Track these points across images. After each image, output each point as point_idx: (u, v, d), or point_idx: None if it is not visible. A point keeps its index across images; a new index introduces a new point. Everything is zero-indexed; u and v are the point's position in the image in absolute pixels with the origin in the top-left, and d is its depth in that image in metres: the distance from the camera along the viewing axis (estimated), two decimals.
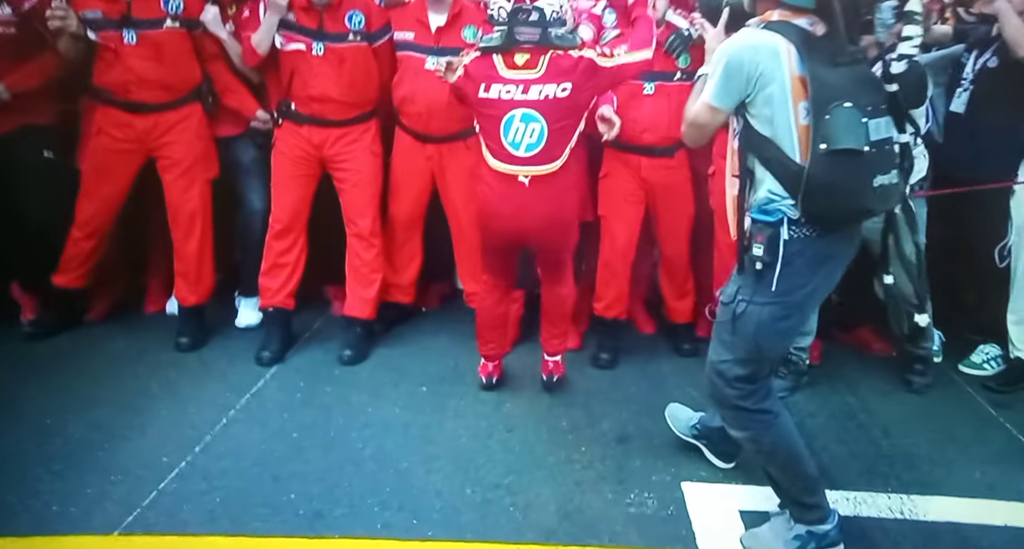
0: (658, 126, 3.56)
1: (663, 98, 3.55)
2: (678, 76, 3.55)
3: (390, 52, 3.72)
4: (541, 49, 2.91)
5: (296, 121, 3.64)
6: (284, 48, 3.57)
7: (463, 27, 3.62)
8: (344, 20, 3.56)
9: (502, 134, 2.93)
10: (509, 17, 2.90)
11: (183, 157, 3.63)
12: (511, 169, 2.97)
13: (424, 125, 3.66)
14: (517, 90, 2.89)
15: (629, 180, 3.67)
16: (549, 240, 3.15)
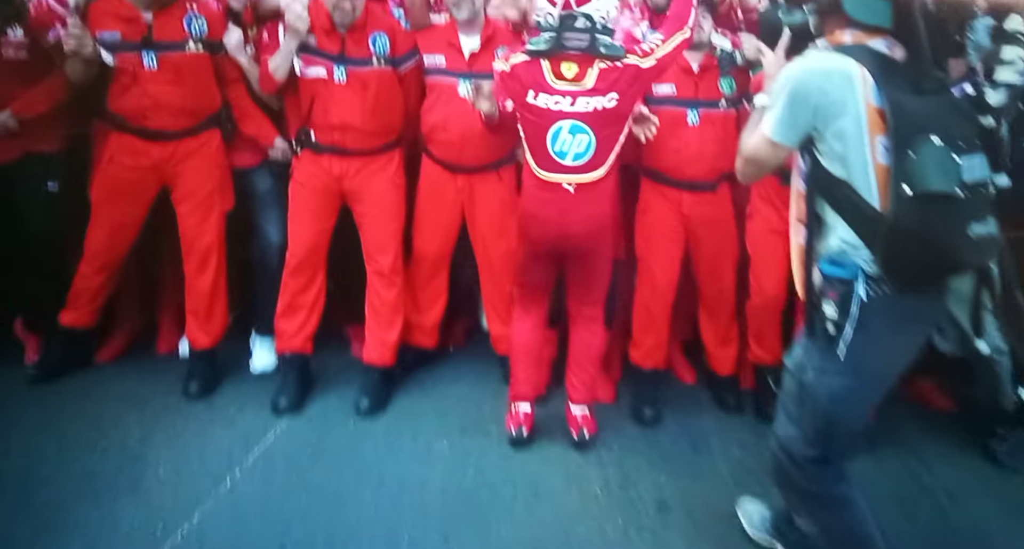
0: (702, 159, 3.26)
1: (708, 128, 3.25)
2: (723, 104, 3.27)
3: (417, 78, 3.46)
4: (588, 60, 2.77)
5: (316, 150, 3.37)
6: (304, 73, 3.30)
7: (497, 48, 3.36)
8: (368, 44, 3.30)
9: (549, 144, 2.81)
10: (559, 23, 2.76)
11: (200, 187, 3.37)
12: (556, 177, 2.84)
13: (456, 154, 3.39)
14: (565, 101, 2.77)
15: (669, 216, 3.35)
16: (590, 244, 2.94)
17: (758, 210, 3.28)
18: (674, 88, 3.26)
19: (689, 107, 3.24)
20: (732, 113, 3.29)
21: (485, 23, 3.39)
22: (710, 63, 3.29)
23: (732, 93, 3.29)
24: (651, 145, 3.25)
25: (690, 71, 3.27)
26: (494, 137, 3.28)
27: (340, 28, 3.25)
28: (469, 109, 3.17)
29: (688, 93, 3.26)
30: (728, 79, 3.29)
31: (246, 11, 3.44)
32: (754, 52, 3.22)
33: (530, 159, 2.89)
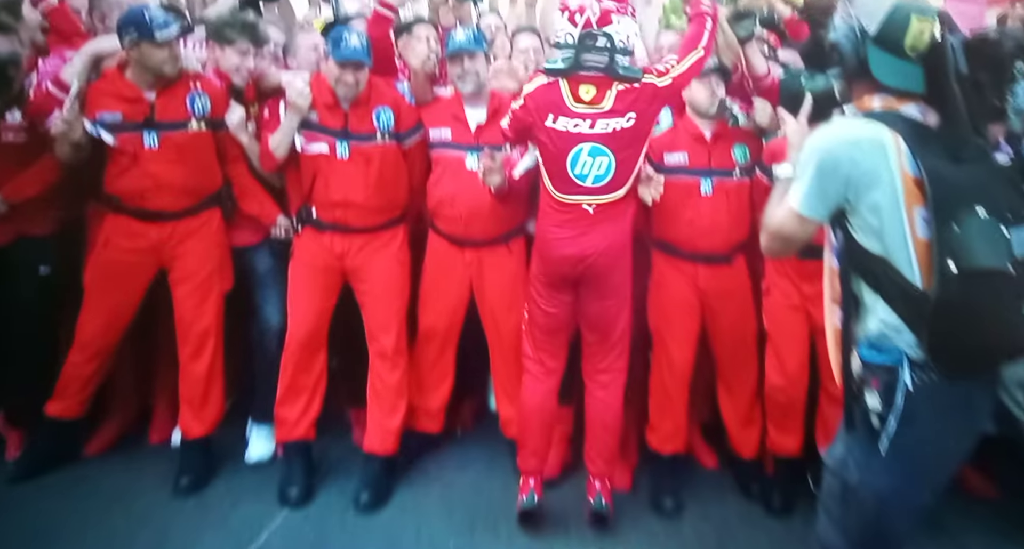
0: (717, 230, 3.12)
1: (721, 198, 3.12)
2: (737, 173, 3.14)
3: (421, 152, 3.36)
4: (606, 82, 2.72)
5: (317, 228, 3.24)
6: (305, 149, 3.20)
7: (503, 119, 3.22)
8: (372, 118, 3.21)
9: (569, 167, 2.74)
10: (577, 41, 2.71)
11: (199, 268, 3.22)
12: (576, 199, 2.78)
13: (464, 228, 3.25)
14: (585, 124, 2.72)
15: (684, 290, 3.18)
16: (608, 264, 2.82)
17: (775, 284, 3.09)
18: (686, 157, 3.14)
19: (702, 176, 3.11)
20: (746, 182, 3.16)
21: (491, 96, 3.31)
22: (723, 131, 3.17)
23: (746, 162, 3.16)
24: (663, 216, 3.13)
25: (702, 139, 3.16)
26: (503, 209, 3.16)
27: (343, 103, 3.16)
28: (477, 182, 3.07)
29: (701, 162, 3.13)
30: (742, 147, 3.17)
31: (248, 87, 3.36)
32: (766, 117, 3.12)
33: (547, 182, 2.81)
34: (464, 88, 3.25)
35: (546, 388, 2.98)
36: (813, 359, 3.02)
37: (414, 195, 3.37)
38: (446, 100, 3.38)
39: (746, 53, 3.09)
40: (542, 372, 2.99)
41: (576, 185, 2.75)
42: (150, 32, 2.95)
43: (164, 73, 3.07)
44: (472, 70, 3.21)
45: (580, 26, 2.71)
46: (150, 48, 2.98)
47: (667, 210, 3.13)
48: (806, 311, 3.01)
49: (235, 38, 3.22)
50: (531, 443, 2.99)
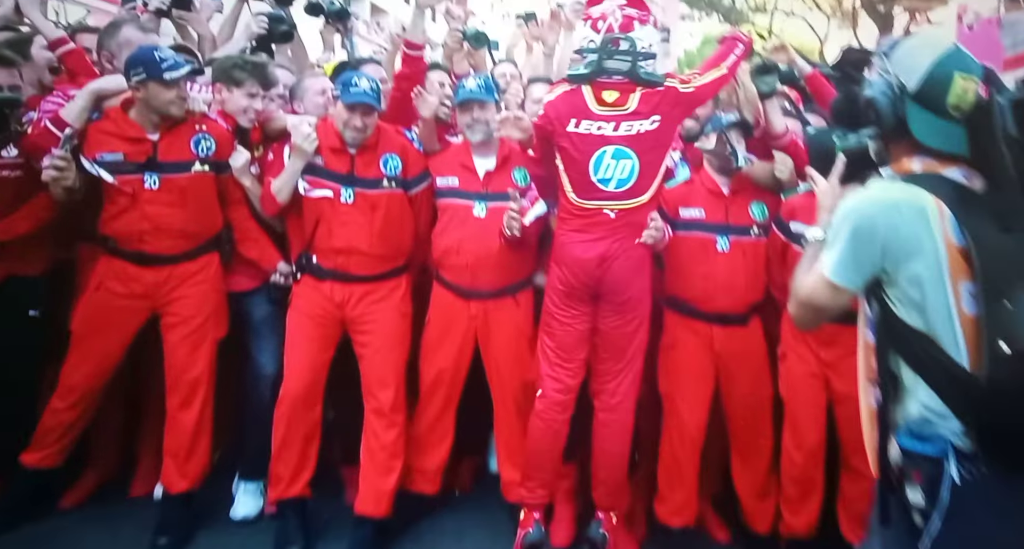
0: (733, 289, 2.99)
1: (738, 256, 2.99)
2: (755, 231, 3.01)
3: (427, 201, 3.25)
4: (629, 87, 2.72)
5: (317, 276, 3.10)
6: (309, 194, 3.08)
7: (513, 169, 3.17)
8: (379, 164, 3.10)
9: (591, 172, 2.72)
10: (600, 47, 2.72)
11: (194, 314, 3.06)
12: (597, 204, 2.74)
13: (470, 279, 3.11)
14: (608, 126, 2.71)
15: (698, 352, 3.02)
16: (628, 273, 2.77)
17: (791, 349, 2.92)
18: (703, 212, 3.01)
19: (719, 233, 2.99)
20: (763, 241, 3.02)
21: (501, 144, 3.19)
22: (741, 187, 3.05)
23: (764, 219, 3.03)
24: (677, 272, 3.01)
25: (720, 194, 3.03)
26: (511, 259, 3.05)
27: (351, 147, 3.05)
28: (484, 231, 2.97)
29: (718, 217, 3.01)
30: (760, 205, 3.05)
31: (253, 130, 3.25)
32: (786, 172, 3.00)
33: (568, 189, 2.77)
34: (473, 137, 3.14)
35: (560, 416, 2.84)
36: (832, 429, 2.85)
37: (419, 244, 3.24)
38: (455, 148, 3.28)
39: (765, 109, 2.99)
40: (558, 389, 2.84)
41: (598, 190, 2.71)
42: (159, 71, 2.85)
43: (170, 113, 2.96)
44: (482, 119, 3.11)
45: (602, 32, 2.73)
46: (158, 87, 2.88)
47: (682, 266, 3.00)
48: (825, 378, 2.85)
49: (243, 79, 3.12)
50: (539, 473, 2.84)
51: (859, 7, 18.94)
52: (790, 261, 2.90)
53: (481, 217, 3.08)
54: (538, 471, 2.87)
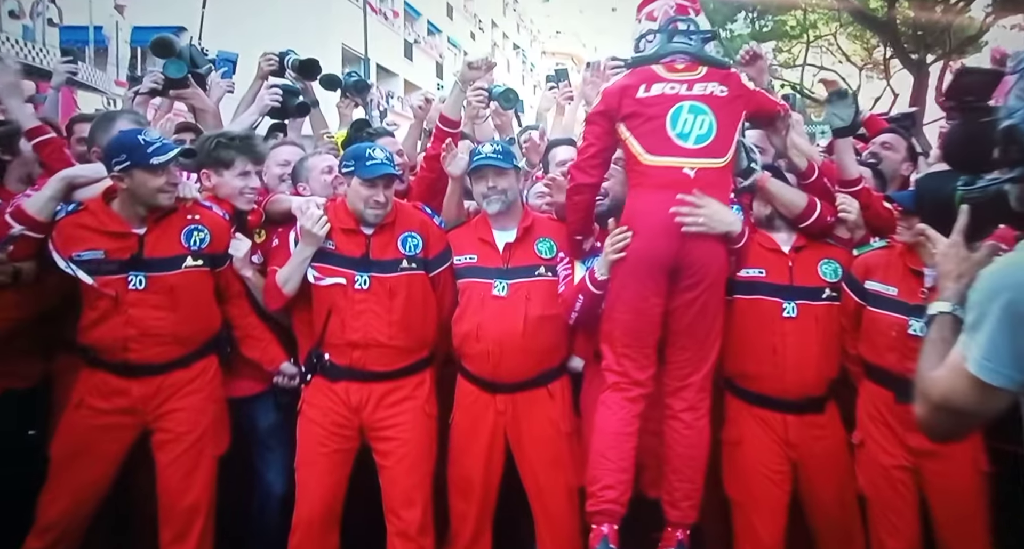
0: (806, 363, 2.57)
1: (810, 323, 2.60)
2: (828, 294, 2.63)
3: (451, 282, 2.85)
4: (695, 65, 2.48)
5: (329, 376, 2.68)
6: (319, 283, 2.68)
7: (536, 241, 2.79)
8: (397, 244, 2.72)
9: (669, 125, 2.42)
10: (665, 26, 2.53)
11: (189, 429, 2.60)
12: (675, 161, 2.42)
13: (492, 368, 2.68)
14: (681, 87, 2.44)
15: (771, 449, 2.59)
16: (709, 242, 2.42)
17: (870, 436, 2.52)
18: (764, 272, 2.62)
19: (784, 297, 2.59)
20: (836, 306, 2.62)
21: (523, 214, 2.83)
22: (805, 243, 2.68)
23: (836, 280, 2.64)
24: (739, 344, 2.61)
25: (779, 251, 2.66)
26: (540, 342, 2.67)
27: (366, 228, 2.69)
28: (505, 312, 2.65)
29: (781, 278, 2.62)
30: (831, 263, 2.66)
31: (254, 212, 2.85)
32: (854, 213, 2.66)
33: (638, 150, 2.45)
34: (490, 208, 2.77)
35: (630, 408, 2.45)
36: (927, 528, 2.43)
37: (443, 332, 2.82)
38: (471, 223, 2.91)
39: (838, 149, 2.66)
40: (628, 383, 2.46)
41: (675, 146, 2.42)
42: (145, 156, 2.46)
43: (158, 203, 2.57)
44: (499, 188, 2.74)
45: (660, 20, 2.54)
46: (144, 175, 2.49)
47: (744, 337, 2.60)
48: (915, 470, 2.43)
49: (232, 158, 2.76)
50: (607, 476, 2.40)
51: (890, 57, 18.58)
52: (866, 327, 2.55)
53: (502, 296, 2.69)
54: (606, 473, 2.42)
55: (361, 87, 3.92)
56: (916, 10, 16.74)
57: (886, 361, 2.48)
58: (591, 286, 2.56)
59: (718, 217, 2.40)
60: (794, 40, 20.42)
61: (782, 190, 2.68)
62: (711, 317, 2.49)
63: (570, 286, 2.66)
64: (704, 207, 2.36)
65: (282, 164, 3.12)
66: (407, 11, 24.64)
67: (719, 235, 2.42)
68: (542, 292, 2.71)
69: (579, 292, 2.60)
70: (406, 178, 3.23)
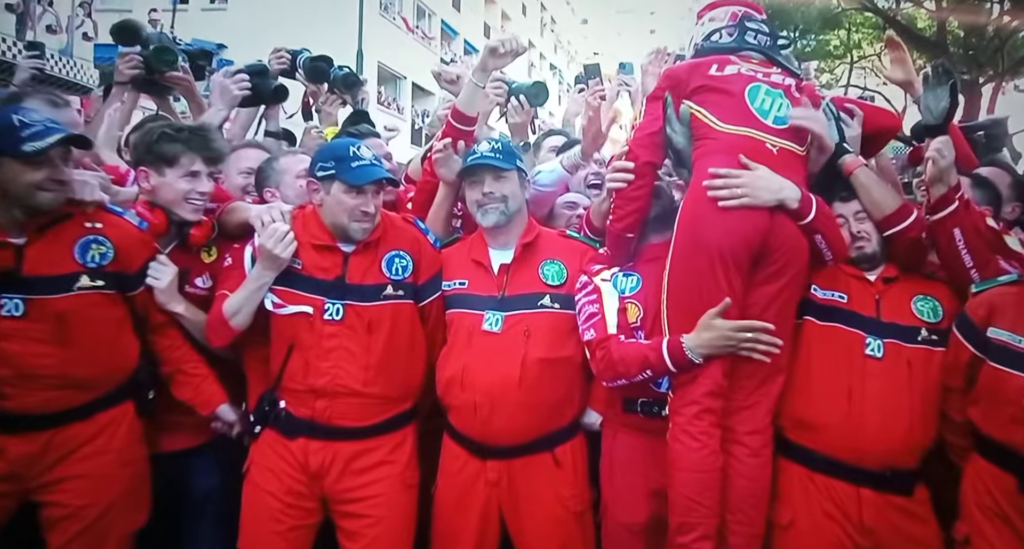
0: (893, 420, 1.94)
1: (900, 369, 1.98)
2: (926, 336, 2.00)
3: (441, 314, 2.24)
4: (767, 65, 2.12)
5: (285, 430, 2.09)
6: (279, 311, 2.09)
7: (542, 263, 2.21)
8: (381, 266, 2.14)
9: (748, 100, 2.03)
10: (740, 21, 2.17)
11: (90, 502, 1.97)
12: (757, 134, 2.00)
13: (481, 426, 2.10)
14: (757, 73, 2.08)
15: (837, 535, 1.95)
16: (796, 233, 1.95)
17: (981, 533, 1.88)
18: (845, 297, 2.06)
19: (869, 332, 2.00)
20: (937, 353, 1.99)
21: (527, 227, 2.23)
22: (896, 273, 2.08)
23: (937, 320, 2.02)
24: (804, 382, 2.01)
25: (863, 279, 2.09)
26: (543, 392, 2.09)
27: (346, 243, 2.11)
28: (498, 352, 2.08)
29: (866, 308, 2.04)
30: (929, 300, 2.06)
31: (200, 225, 2.24)
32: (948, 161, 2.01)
33: (710, 119, 2.02)
34: (485, 220, 2.19)
35: (716, 436, 1.91)
36: None
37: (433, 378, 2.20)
38: (468, 239, 2.32)
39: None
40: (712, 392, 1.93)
41: (755, 119, 2.01)
42: (15, 142, 1.83)
43: (36, 205, 1.90)
44: (498, 195, 2.16)
45: (726, 19, 2.17)
46: (15, 166, 1.85)
47: (811, 373, 2.01)
48: None
49: (178, 153, 2.14)
50: (704, 523, 1.87)
51: None
52: (984, 388, 1.92)
53: (494, 332, 2.12)
54: (701, 518, 1.88)
55: (351, 82, 3.29)
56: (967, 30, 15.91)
57: (1011, 436, 1.86)
58: (670, 363, 1.93)
59: (762, 184, 1.90)
60: (838, 60, 19.62)
61: (874, 183, 2.10)
62: (791, 318, 2.00)
63: (630, 351, 1.99)
64: (741, 176, 1.89)
65: (246, 172, 2.53)
66: (444, 30, 24.31)
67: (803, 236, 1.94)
68: (546, 328, 2.12)
69: (646, 365, 1.96)
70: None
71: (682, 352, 1.91)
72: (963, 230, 1.99)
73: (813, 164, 2.09)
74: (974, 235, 2.00)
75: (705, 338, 1.90)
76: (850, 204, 2.11)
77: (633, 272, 2.13)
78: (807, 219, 1.96)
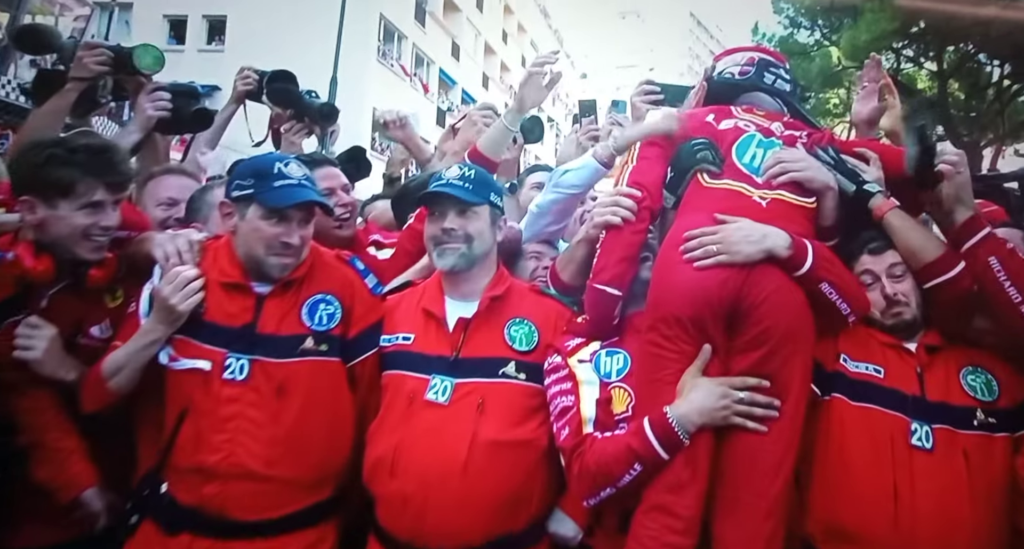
0: (953, 531, 1.53)
1: (954, 463, 1.59)
2: (981, 419, 1.63)
3: (376, 377, 1.82)
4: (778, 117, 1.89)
5: (165, 523, 1.65)
6: (173, 366, 1.69)
7: (509, 322, 1.81)
8: (300, 313, 1.74)
9: (735, 156, 1.78)
10: (757, 63, 1.97)
11: None
12: (743, 187, 1.73)
13: (412, 523, 1.66)
14: (753, 127, 1.83)
15: None
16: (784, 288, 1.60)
17: None
18: (881, 371, 1.69)
19: (914, 416, 1.62)
20: (999, 440, 1.62)
21: (497, 278, 1.87)
22: (940, 342, 1.72)
23: (994, 398, 1.66)
24: (835, 480, 1.63)
25: (900, 347, 1.72)
26: (496, 485, 1.66)
27: (261, 283, 1.74)
28: (443, 429, 1.68)
29: (907, 384, 1.67)
30: (981, 374, 1.67)
31: (102, 265, 1.80)
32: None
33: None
34: (442, 262, 1.82)
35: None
36: None
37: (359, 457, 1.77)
38: (420, 286, 1.91)
39: None
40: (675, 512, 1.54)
41: (743, 174, 1.77)
42: None
43: None
44: (460, 232, 1.80)
45: (743, 63, 1.99)
46: None
47: (846, 468, 1.62)
48: None
49: (74, 180, 1.71)
50: None
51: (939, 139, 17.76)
52: None
53: (440, 403, 1.72)
54: None
55: (327, 113, 2.91)
56: (967, 92, 15.87)
57: None
58: (658, 445, 1.55)
59: (739, 237, 1.61)
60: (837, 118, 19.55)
61: (909, 228, 1.74)
62: (794, 396, 1.60)
63: (608, 448, 1.59)
64: (717, 233, 1.62)
65: (166, 204, 2.15)
66: (442, 79, 24.34)
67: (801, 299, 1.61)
68: (505, 402, 1.73)
69: (632, 459, 1.55)
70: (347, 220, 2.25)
71: (669, 427, 1.52)
72: (1000, 258, 1.62)
73: (827, 214, 1.78)
74: (1012, 260, 1.63)
75: (695, 401, 1.54)
76: (882, 257, 1.74)
77: (619, 350, 1.74)
78: (803, 269, 1.62)
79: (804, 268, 1.61)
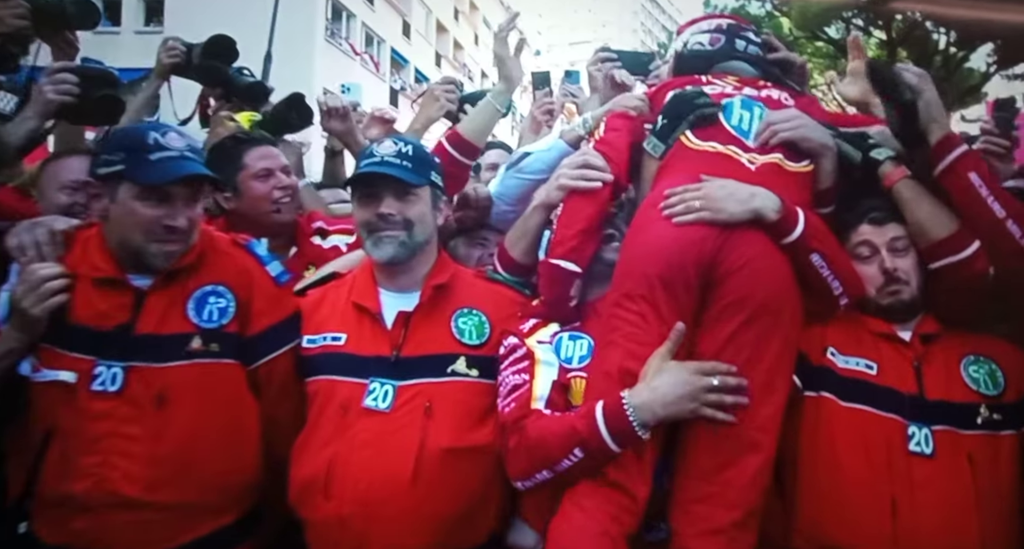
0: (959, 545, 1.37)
1: (958, 468, 1.41)
2: (985, 416, 1.46)
3: (293, 383, 1.60)
4: (754, 82, 1.73)
5: None
6: (35, 377, 1.44)
7: (456, 313, 1.60)
8: (186, 308, 1.50)
9: (724, 119, 1.61)
10: (727, 29, 1.83)
11: None
12: (729, 149, 1.57)
13: (353, 546, 1.44)
14: (730, 88, 1.69)
15: None
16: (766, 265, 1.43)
17: None
18: (874, 367, 1.50)
19: (911, 418, 1.45)
20: (1005, 438, 1.46)
21: (439, 266, 1.65)
22: (938, 329, 1.56)
23: (999, 392, 1.48)
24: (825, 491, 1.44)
25: (894, 337, 1.55)
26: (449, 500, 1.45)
27: (140, 276, 1.49)
28: (385, 441, 1.47)
29: (903, 382, 1.49)
30: (985, 364, 1.50)
31: None
32: None
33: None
34: (377, 252, 1.57)
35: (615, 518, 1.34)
36: None
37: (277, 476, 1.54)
38: (345, 279, 1.67)
39: None
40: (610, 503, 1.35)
41: (733, 137, 1.60)
42: None
43: None
44: (399, 218, 1.57)
45: (712, 29, 1.84)
46: None
47: (838, 478, 1.44)
48: None
49: None
50: None
51: None
52: None
53: (380, 410, 1.50)
54: None
55: (256, 94, 2.59)
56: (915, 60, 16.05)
57: None
58: (607, 434, 1.34)
59: (724, 194, 1.45)
60: None
61: (922, 200, 1.55)
62: (764, 373, 1.41)
63: (551, 426, 1.39)
64: (700, 189, 1.46)
65: (70, 187, 1.87)
66: (394, 58, 23.87)
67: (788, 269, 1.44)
68: (456, 404, 1.52)
69: (573, 441, 1.34)
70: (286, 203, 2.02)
71: (624, 417, 1.31)
72: (981, 174, 1.49)
73: (825, 177, 1.62)
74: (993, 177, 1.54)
75: (658, 389, 1.33)
76: (884, 229, 1.54)
77: (583, 334, 1.52)
78: (793, 235, 1.44)
79: (794, 235, 1.44)
